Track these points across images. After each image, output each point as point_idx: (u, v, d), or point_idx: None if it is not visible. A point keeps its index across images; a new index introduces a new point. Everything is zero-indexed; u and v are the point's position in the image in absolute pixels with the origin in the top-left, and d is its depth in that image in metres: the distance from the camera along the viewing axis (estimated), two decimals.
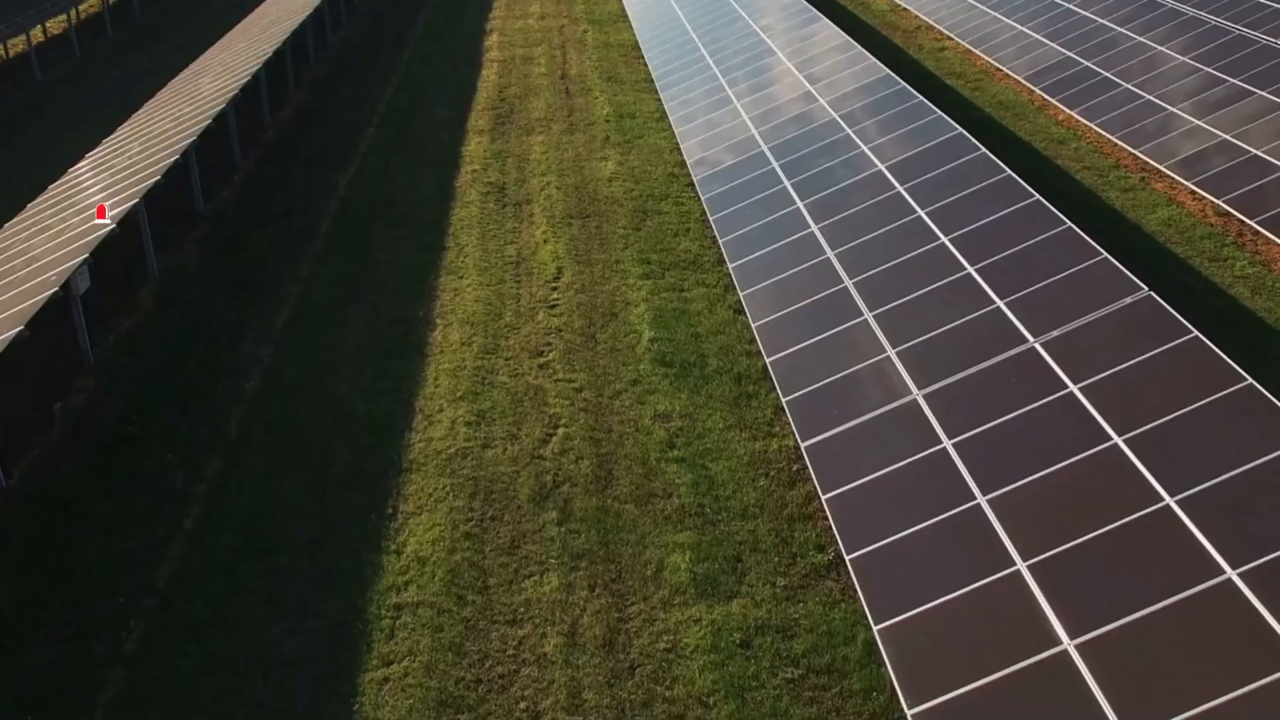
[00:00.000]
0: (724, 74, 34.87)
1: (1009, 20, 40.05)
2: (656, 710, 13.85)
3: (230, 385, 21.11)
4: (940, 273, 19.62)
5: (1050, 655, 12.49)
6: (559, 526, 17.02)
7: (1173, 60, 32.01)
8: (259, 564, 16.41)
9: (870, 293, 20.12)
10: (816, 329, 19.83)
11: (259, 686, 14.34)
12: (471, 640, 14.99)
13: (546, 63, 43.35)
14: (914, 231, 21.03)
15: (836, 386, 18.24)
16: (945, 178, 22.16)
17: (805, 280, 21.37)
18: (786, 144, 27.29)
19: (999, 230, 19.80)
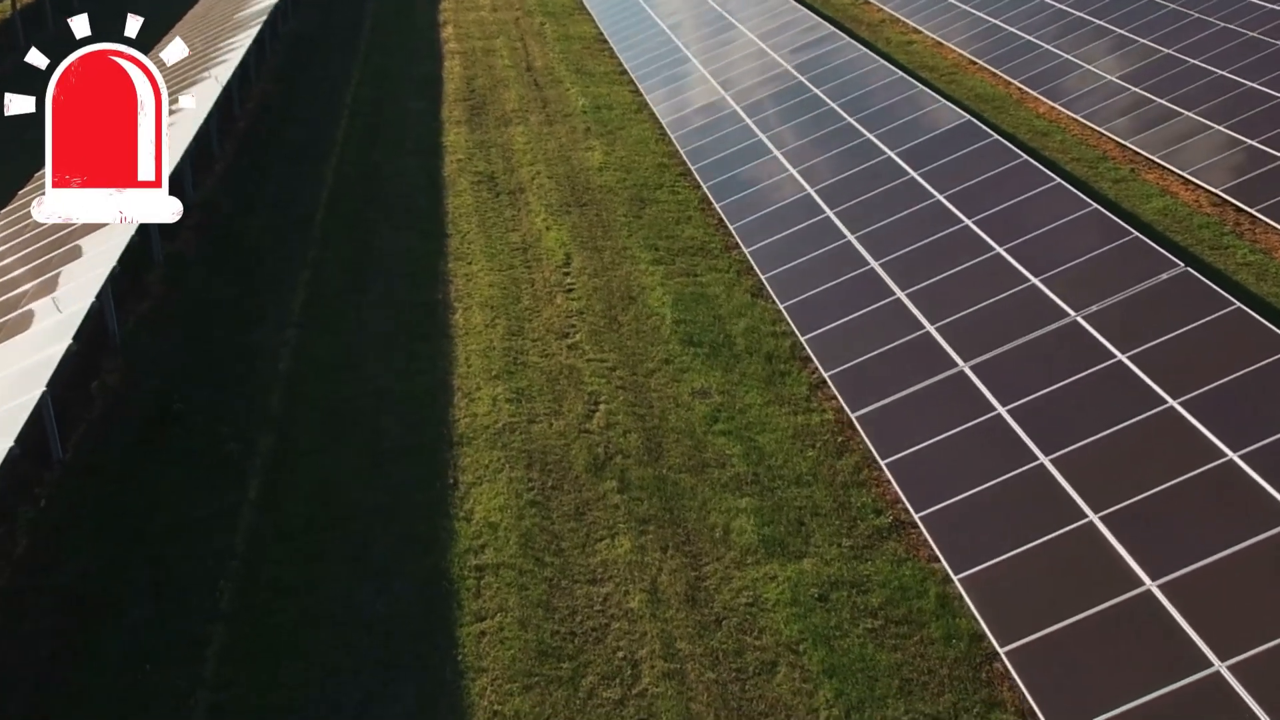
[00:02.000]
0: (704, 64, 36.43)
1: (980, 13, 41.99)
2: (749, 658, 15.32)
3: (263, 366, 22.27)
4: (968, 253, 21.34)
5: (1134, 595, 14.17)
6: (620, 494, 18.43)
7: (1157, 53, 34.09)
8: (333, 530, 17.65)
9: (898, 273, 21.79)
10: (849, 308, 21.46)
11: (361, 639, 15.58)
12: (557, 598, 16.35)
13: (509, 55, 44.70)
14: (936, 214, 22.76)
15: (879, 361, 19.87)
16: (961, 163, 23.93)
17: (828, 262, 23.02)
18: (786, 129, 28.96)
19: (1023, 212, 21.59)
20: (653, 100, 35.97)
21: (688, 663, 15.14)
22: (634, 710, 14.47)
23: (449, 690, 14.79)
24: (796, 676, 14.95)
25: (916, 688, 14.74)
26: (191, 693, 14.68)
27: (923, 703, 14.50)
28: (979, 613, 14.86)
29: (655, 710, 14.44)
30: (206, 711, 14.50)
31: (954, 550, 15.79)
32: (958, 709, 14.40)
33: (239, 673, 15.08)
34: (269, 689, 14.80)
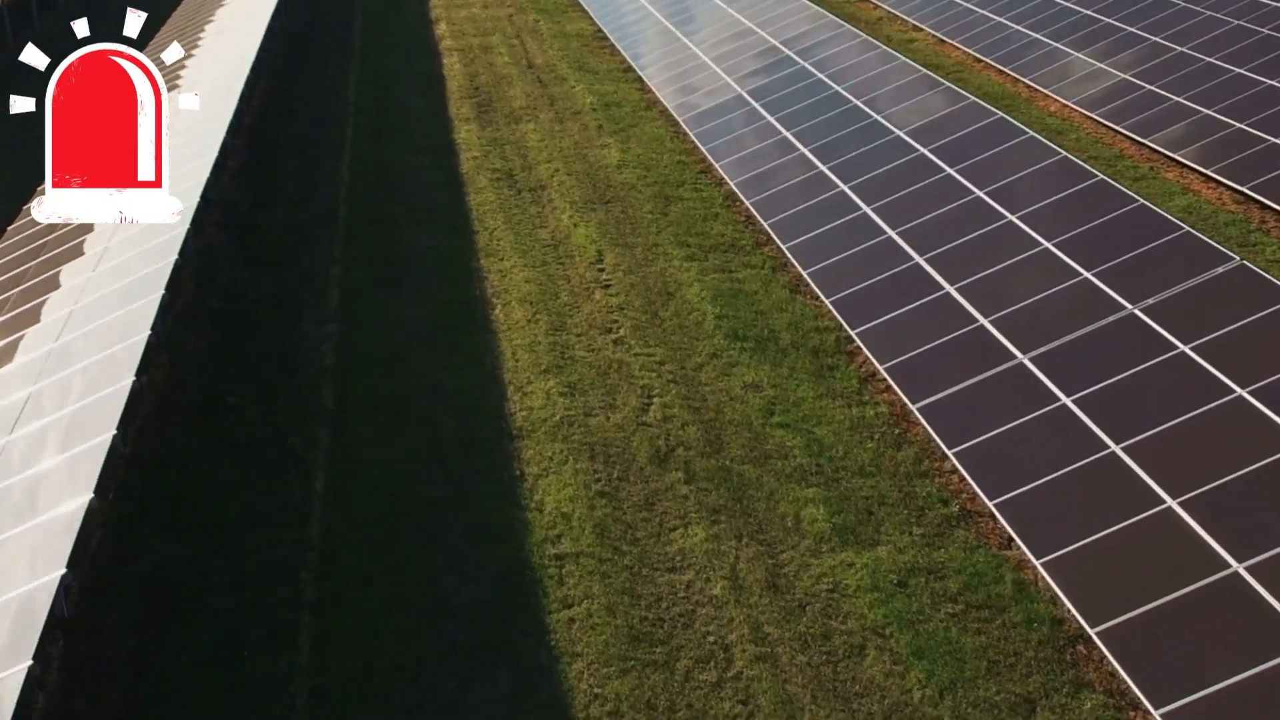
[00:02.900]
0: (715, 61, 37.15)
1: (983, 10, 42.81)
2: (837, 641, 15.98)
3: (308, 361, 22.78)
4: (1015, 248, 22.11)
5: (1222, 577, 14.90)
6: (687, 485, 19.06)
7: (1170, 50, 35.00)
8: (406, 521, 18.21)
9: (944, 268, 22.53)
10: (898, 302, 22.18)
11: (450, 626, 16.15)
12: (640, 585, 16.98)
13: (508, 52, 45.27)
14: (976, 210, 23.51)
15: (935, 354, 20.60)
16: (996, 159, 24.72)
17: (871, 257, 23.76)
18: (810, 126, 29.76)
19: (1067, 208, 22.34)
20: (665, 98, 36.63)
21: (778, 646, 15.75)
22: (731, 692, 15.05)
23: (545, 674, 15.31)
24: (886, 659, 15.55)
25: (1004, 669, 15.38)
26: (291, 679, 15.06)
27: (1012, 683, 15.15)
28: (1065, 596, 15.54)
29: (753, 692, 15.04)
30: (308, 696, 14.97)
31: (1033, 536, 16.47)
32: (1046, 689, 15.07)
33: (334, 659, 15.56)
34: (366, 674, 15.30)
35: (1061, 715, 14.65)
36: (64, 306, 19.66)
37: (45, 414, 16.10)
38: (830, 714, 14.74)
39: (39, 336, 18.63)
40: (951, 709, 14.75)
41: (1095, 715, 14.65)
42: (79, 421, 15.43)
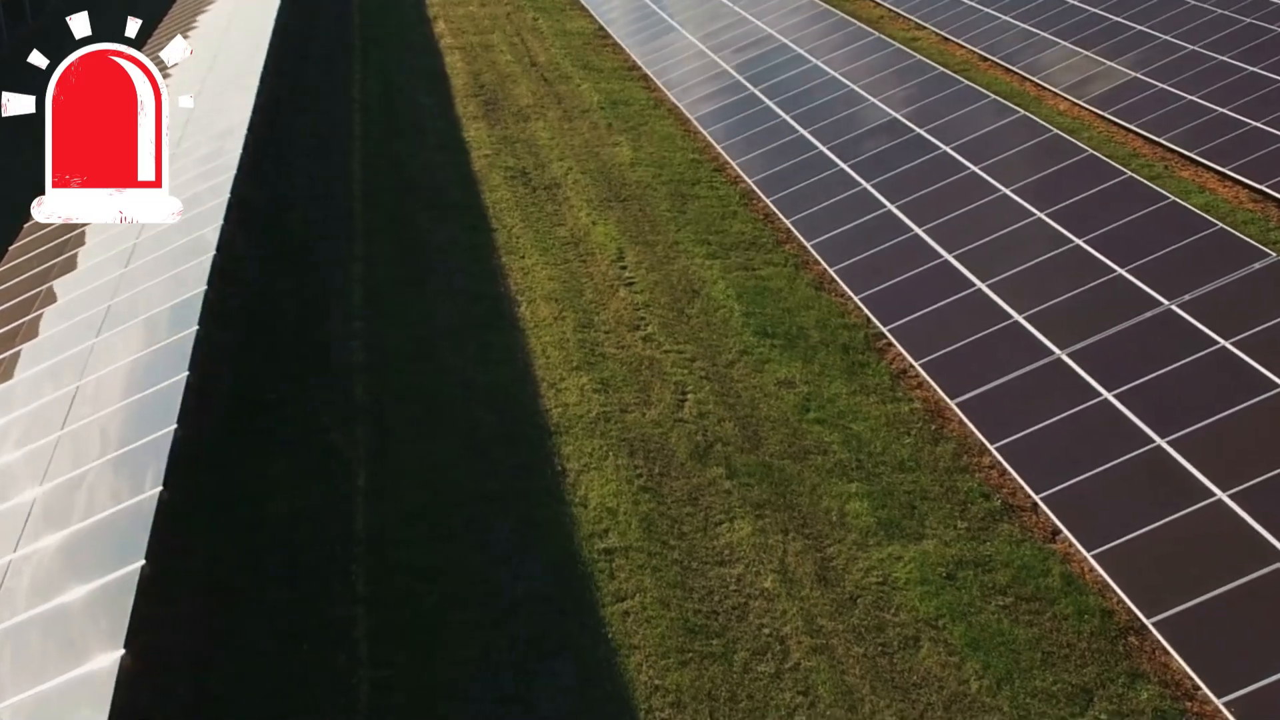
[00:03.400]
0: (725, 60, 37.55)
1: (988, 9, 43.26)
2: (891, 633, 16.33)
3: (338, 357, 23.05)
4: (1046, 245, 22.52)
5: (1277, 568, 15.30)
6: (729, 480, 19.40)
7: (1181, 49, 35.49)
8: (452, 516, 18.51)
9: (974, 265, 22.93)
10: (930, 298, 22.55)
11: (506, 619, 16.47)
12: (691, 579, 17.31)
13: (509, 50, 45.57)
14: (1004, 207, 23.93)
15: (971, 349, 20.98)
16: (1021, 157, 25.14)
17: (899, 254, 24.15)
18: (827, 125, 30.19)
19: (1097, 205, 22.75)
20: (675, 97, 36.96)
21: (833, 638, 16.09)
22: (790, 682, 15.38)
23: (605, 666, 15.62)
24: (941, 650, 15.91)
25: (1058, 660, 15.76)
26: (352, 672, 15.34)
27: (1067, 674, 15.53)
28: (1118, 587, 15.92)
29: (812, 683, 15.37)
30: (370, 688, 15.24)
31: (1082, 529, 16.86)
32: (1102, 679, 15.45)
33: (394, 652, 15.83)
34: (427, 667, 15.60)
35: (1119, 705, 14.97)
36: (99, 302, 19.83)
37: (98, 408, 16.29)
38: (890, 704, 15.03)
39: (77, 333, 18.83)
40: (1010, 699, 15.08)
41: (1152, 705, 14.99)
42: (135, 415, 15.64)
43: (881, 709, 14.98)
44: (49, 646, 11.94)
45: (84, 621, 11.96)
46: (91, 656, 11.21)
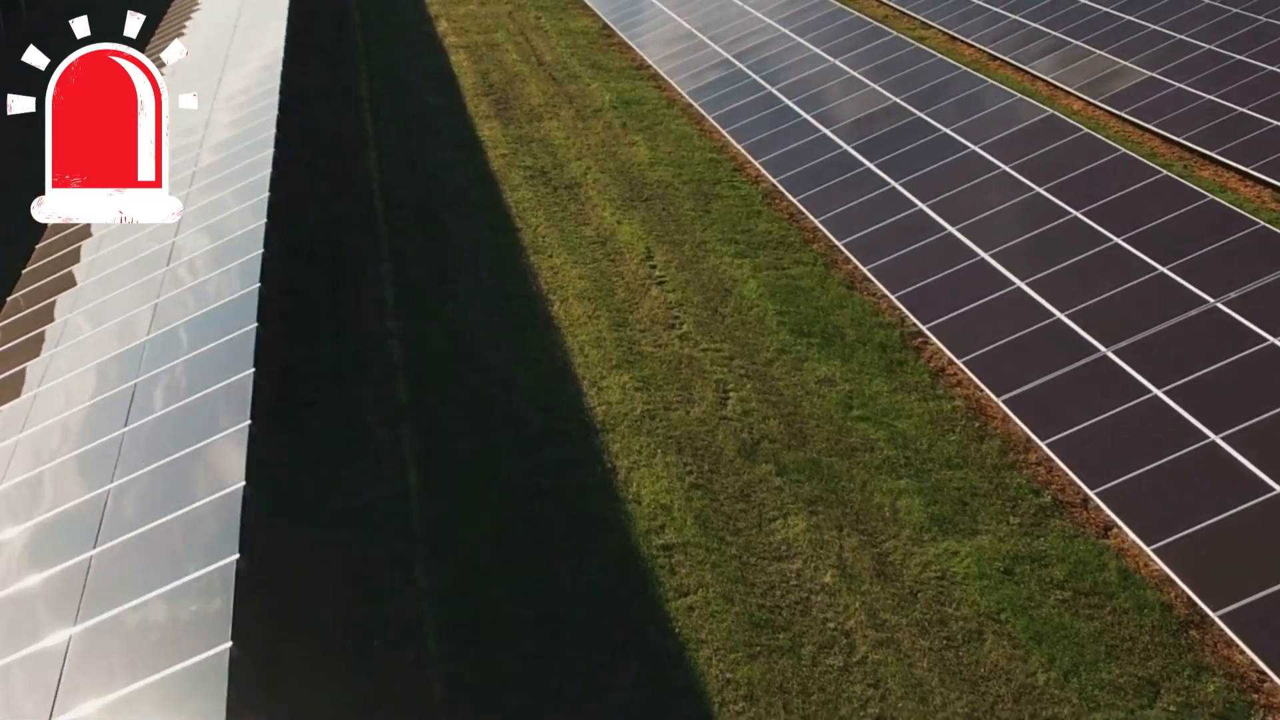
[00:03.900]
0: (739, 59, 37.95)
1: (996, 8, 43.70)
2: (954, 627, 16.70)
3: (375, 356, 23.33)
4: (1084, 244, 22.92)
5: None
6: (779, 477, 19.75)
7: (1198, 48, 35.95)
8: (510, 512, 18.83)
9: (1012, 263, 23.34)
10: (969, 296, 22.95)
11: (571, 614, 16.78)
12: (751, 574, 17.66)
13: (515, 49, 45.86)
14: (1038, 206, 24.35)
15: (1013, 348, 21.38)
16: (1051, 156, 25.58)
17: (934, 254, 24.54)
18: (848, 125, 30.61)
19: (1134, 205, 23.17)
20: (690, 96, 37.28)
21: (897, 632, 16.44)
22: (859, 675, 15.74)
23: (674, 660, 15.95)
24: (1005, 644, 16.28)
25: (1122, 653, 16.15)
26: (424, 666, 15.64)
27: (1132, 666, 15.91)
28: (1181, 581, 16.30)
29: (881, 675, 15.73)
30: (444, 682, 15.53)
31: (1141, 523, 17.26)
32: (1167, 671, 15.84)
33: (463, 647, 16.15)
34: (497, 660, 15.89)
35: (1187, 697, 15.36)
36: (145, 300, 20.06)
37: (162, 405, 16.53)
38: (960, 696, 15.39)
39: (127, 331, 19.05)
40: (1078, 691, 15.45)
41: (1220, 697, 15.38)
42: (204, 412, 15.89)
43: (952, 700, 15.29)
44: (154, 638, 12.14)
45: (186, 614, 12.16)
46: (199, 649, 11.39)
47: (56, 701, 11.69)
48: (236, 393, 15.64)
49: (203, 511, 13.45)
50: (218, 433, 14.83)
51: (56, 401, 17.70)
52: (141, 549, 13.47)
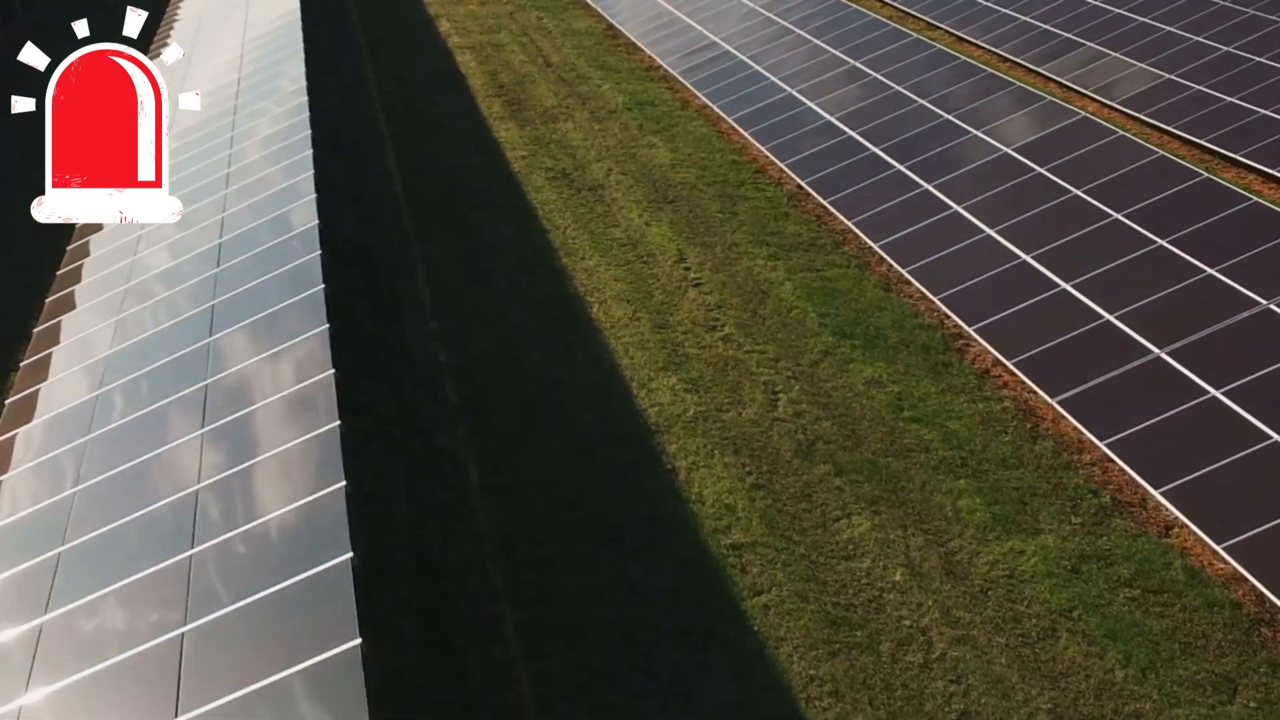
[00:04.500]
0: (755, 60, 38.44)
1: (1007, 10, 44.24)
2: (1028, 624, 17.17)
3: (422, 358, 23.70)
4: (1128, 246, 23.46)
5: None
6: (837, 477, 20.20)
7: (1215, 50, 36.56)
8: (574, 513, 19.22)
9: (1055, 265, 23.86)
10: (1015, 298, 23.46)
11: (649, 613, 17.20)
12: (821, 573, 18.10)
13: (520, 50, 46.25)
14: (1078, 209, 24.90)
15: (1064, 349, 21.88)
16: (1086, 158, 26.13)
17: (975, 255, 25.05)
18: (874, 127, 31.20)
19: (1176, 207, 23.73)
20: (707, 98, 37.74)
21: (972, 629, 16.91)
22: (940, 671, 16.19)
23: (757, 657, 16.39)
24: (1080, 641, 16.76)
25: (1197, 650, 16.64)
26: (511, 667, 16.03)
27: (1208, 663, 16.40)
28: (1254, 578, 16.79)
29: (961, 671, 16.18)
30: (531, 681, 15.90)
31: (1209, 522, 17.76)
32: (1243, 669, 16.34)
33: (546, 646, 16.53)
34: (581, 660, 16.29)
35: (1265, 694, 15.87)
36: (200, 300, 20.35)
37: (241, 405, 16.85)
38: (1041, 692, 15.86)
39: (188, 330, 19.35)
40: (1157, 687, 15.92)
41: None
42: (289, 413, 16.22)
43: (1034, 696, 15.74)
44: (274, 637, 12.47)
45: (306, 612, 12.49)
46: (328, 645, 11.72)
47: (180, 699, 11.93)
48: (321, 393, 15.93)
49: (305, 511, 13.73)
50: (308, 433, 15.09)
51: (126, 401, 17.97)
52: (245, 548, 13.73)
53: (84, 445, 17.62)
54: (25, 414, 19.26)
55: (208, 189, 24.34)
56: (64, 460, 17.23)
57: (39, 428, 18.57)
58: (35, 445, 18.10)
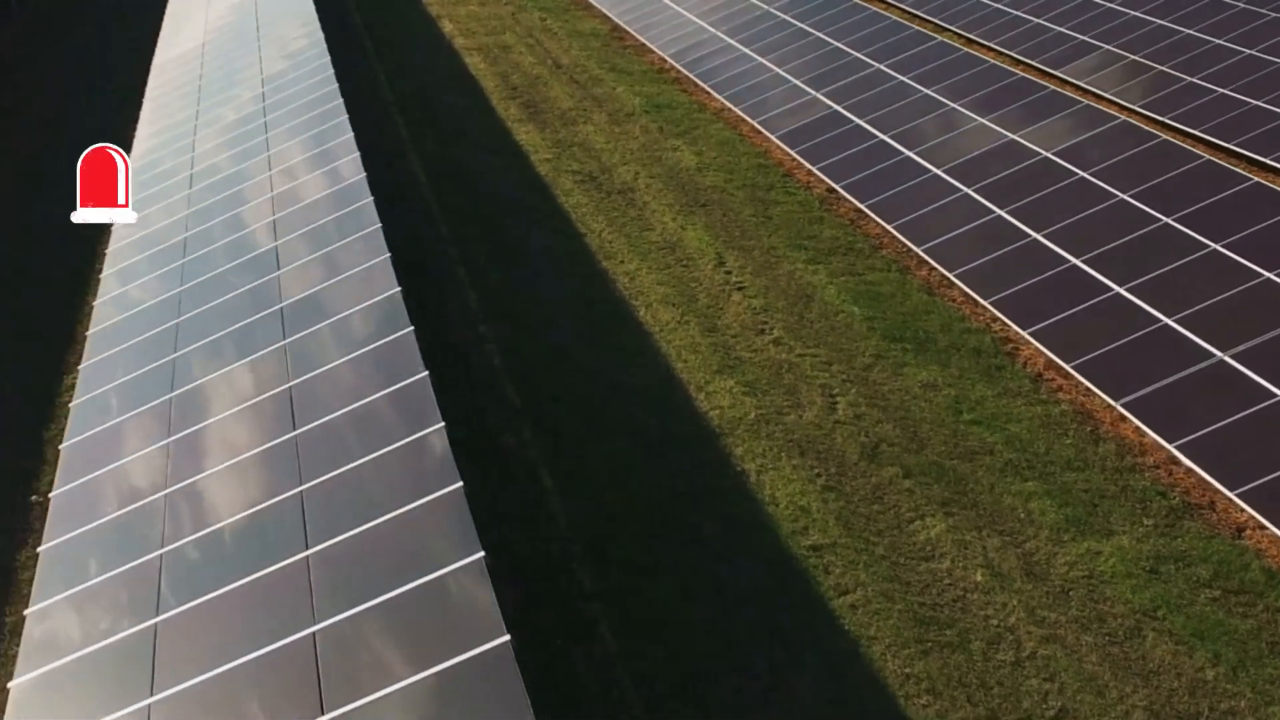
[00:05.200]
0: (775, 64, 39.03)
1: (1018, 11, 44.88)
2: (1113, 624, 17.74)
3: (476, 361, 24.13)
4: (1179, 251, 24.11)
5: None
6: (906, 479, 20.74)
7: (1238, 53, 37.28)
8: (654, 513, 19.70)
9: (1106, 269, 24.46)
10: (1067, 303, 24.05)
11: (741, 612, 17.70)
12: (903, 573, 18.63)
13: (528, 51, 46.71)
14: (1125, 211, 25.53)
15: (1124, 352, 22.48)
16: (1136, 159, 26.79)
17: (1022, 259, 25.64)
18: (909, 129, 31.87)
19: (1227, 211, 24.38)
20: (730, 101, 38.25)
21: (1058, 628, 17.46)
22: (1032, 670, 16.74)
23: (851, 656, 16.91)
24: (1167, 640, 17.33)
25: None
26: (611, 665, 16.50)
27: None
28: None
29: (1053, 670, 16.74)
30: (631, 680, 16.37)
31: None
32: None
33: (643, 645, 17.00)
34: (679, 658, 16.76)
35: None
36: (268, 301, 20.68)
37: (329, 410, 17.23)
38: (1135, 690, 16.42)
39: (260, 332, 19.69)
40: (1249, 685, 16.51)
41: None
42: (388, 414, 16.62)
43: (1128, 694, 16.30)
44: (418, 632, 12.88)
45: (446, 610, 12.91)
46: (477, 642, 12.15)
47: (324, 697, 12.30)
48: (418, 395, 16.30)
49: (426, 511, 14.11)
50: (413, 434, 15.50)
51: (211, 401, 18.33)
52: (367, 548, 14.11)
53: (169, 445, 17.87)
54: (98, 416, 19.53)
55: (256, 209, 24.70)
56: (155, 459, 17.51)
57: (120, 428, 18.84)
58: (121, 444, 18.37)
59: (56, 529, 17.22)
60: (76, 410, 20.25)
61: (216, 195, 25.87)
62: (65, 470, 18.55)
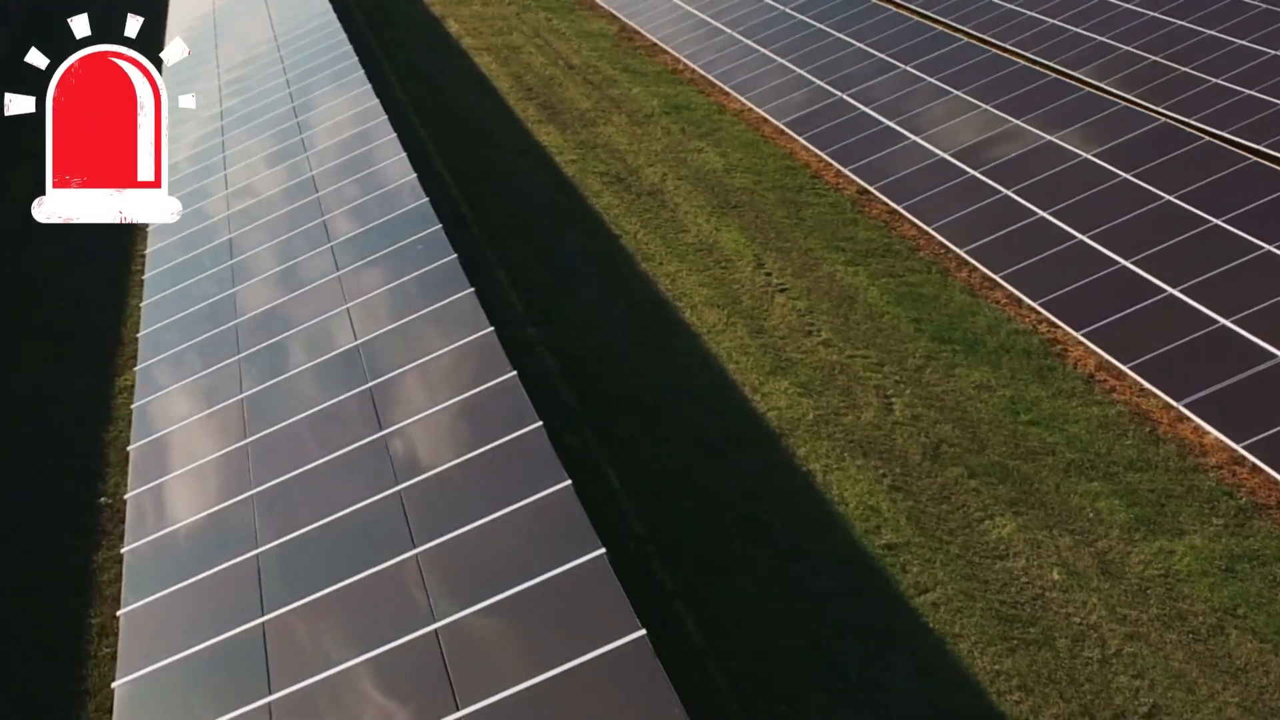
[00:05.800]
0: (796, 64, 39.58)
1: (1032, 12, 45.48)
2: (1194, 621, 18.19)
3: (527, 362, 24.41)
4: (1232, 252, 24.65)
5: None
6: (971, 479, 21.16)
7: (1263, 54, 37.91)
8: (724, 513, 20.11)
9: (1157, 269, 24.99)
10: (1119, 304, 24.55)
11: (820, 610, 18.10)
12: (980, 572, 19.05)
13: (538, 52, 47.06)
14: (1169, 213, 26.10)
15: (1182, 353, 22.98)
16: (1179, 161, 27.37)
17: (1068, 260, 26.19)
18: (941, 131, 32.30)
19: (1277, 214, 24.91)
20: (752, 102, 38.69)
21: (1141, 626, 17.91)
22: (1120, 667, 17.17)
23: (939, 654, 17.30)
24: (1251, 638, 17.79)
25: None
26: (703, 663, 16.87)
27: None
28: None
29: (1141, 667, 17.17)
30: (726, 679, 16.76)
31: None
32: None
33: (731, 644, 17.38)
34: (768, 657, 17.20)
35: None
36: (333, 301, 20.93)
37: (416, 411, 17.52)
38: (1225, 687, 16.87)
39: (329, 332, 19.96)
40: None
41: None
42: (481, 415, 16.92)
43: (1219, 691, 16.75)
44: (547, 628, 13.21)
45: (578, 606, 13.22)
46: (614, 636, 12.46)
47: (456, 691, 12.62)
48: (510, 393, 16.60)
49: (536, 510, 14.41)
50: (510, 433, 15.81)
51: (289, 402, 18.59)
52: (478, 547, 14.42)
53: (248, 446, 18.15)
54: (163, 416, 19.77)
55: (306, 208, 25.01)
56: (234, 461, 17.78)
57: (191, 428, 19.08)
58: (194, 445, 18.61)
59: (137, 530, 17.37)
60: (139, 411, 20.38)
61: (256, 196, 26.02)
62: (137, 471, 18.74)
